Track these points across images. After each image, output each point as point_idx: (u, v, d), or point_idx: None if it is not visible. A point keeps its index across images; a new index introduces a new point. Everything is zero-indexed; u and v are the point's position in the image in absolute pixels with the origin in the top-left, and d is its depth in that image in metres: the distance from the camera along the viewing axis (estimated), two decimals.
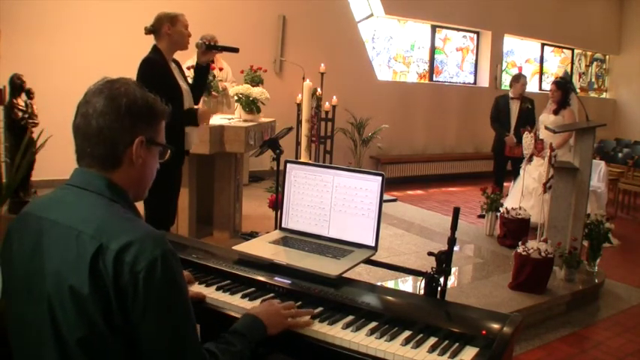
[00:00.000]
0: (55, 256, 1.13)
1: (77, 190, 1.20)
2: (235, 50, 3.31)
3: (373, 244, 1.83)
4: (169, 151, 1.33)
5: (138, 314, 1.08)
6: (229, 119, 4.44)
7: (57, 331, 1.11)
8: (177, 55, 3.34)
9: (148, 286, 1.08)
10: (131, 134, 1.20)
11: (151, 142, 1.25)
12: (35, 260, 1.15)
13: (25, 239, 1.19)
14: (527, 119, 5.81)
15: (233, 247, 1.86)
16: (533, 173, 5.34)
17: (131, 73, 2.88)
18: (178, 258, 1.17)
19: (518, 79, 6.23)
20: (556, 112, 5.52)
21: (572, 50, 11.31)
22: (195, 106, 3.38)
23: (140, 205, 3.35)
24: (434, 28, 9.11)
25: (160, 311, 1.10)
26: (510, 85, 6.33)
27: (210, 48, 3.29)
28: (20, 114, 4.51)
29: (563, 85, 5.60)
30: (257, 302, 1.56)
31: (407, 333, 1.44)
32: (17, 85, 4.54)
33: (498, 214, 4.95)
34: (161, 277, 1.10)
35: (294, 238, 1.93)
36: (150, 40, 3.22)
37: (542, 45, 10.66)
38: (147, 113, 1.23)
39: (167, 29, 3.13)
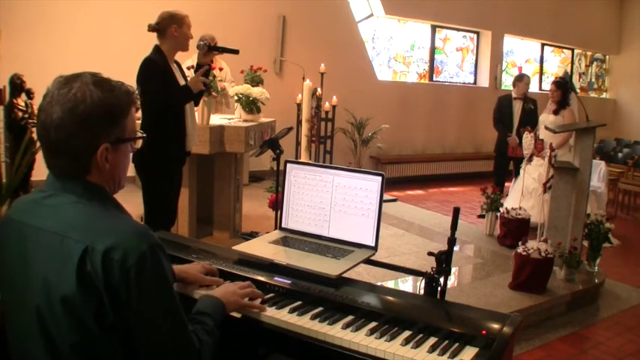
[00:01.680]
0: (40, 263, 1.12)
1: (54, 192, 1.18)
2: (236, 52, 3.32)
3: (373, 244, 1.83)
4: (141, 138, 1.28)
5: (133, 309, 1.10)
6: (229, 119, 4.44)
7: (48, 338, 1.10)
8: (177, 56, 3.34)
9: (140, 281, 1.09)
10: (93, 143, 1.14)
11: (118, 142, 1.19)
12: (21, 268, 1.15)
13: (9, 246, 1.18)
14: (530, 120, 5.80)
15: (233, 247, 1.86)
16: (533, 173, 5.34)
17: (131, 73, 2.89)
18: (165, 249, 1.18)
19: (522, 78, 6.23)
20: (556, 112, 5.52)
21: (572, 50, 11.31)
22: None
23: (140, 206, 3.34)
24: (434, 28, 9.11)
25: (153, 303, 1.12)
26: (513, 85, 6.31)
27: (211, 49, 3.31)
28: (20, 114, 4.51)
29: (563, 85, 5.60)
30: (257, 302, 1.57)
31: (407, 333, 1.44)
32: (17, 85, 4.54)
33: (498, 214, 4.95)
34: (151, 271, 1.11)
35: (294, 238, 1.93)
36: (150, 40, 3.21)
37: (542, 45, 10.66)
38: (108, 116, 1.15)
39: (174, 31, 3.12)
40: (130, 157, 1.27)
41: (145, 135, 1.29)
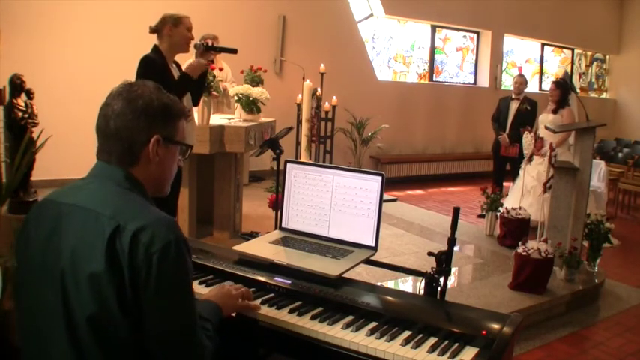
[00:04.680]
0: (72, 235, 1.17)
1: (96, 178, 1.26)
2: (234, 51, 3.31)
3: (373, 244, 1.83)
4: (190, 149, 1.39)
5: (149, 294, 1.13)
6: (229, 119, 4.44)
7: (68, 310, 1.14)
8: (178, 56, 3.34)
9: (161, 267, 1.13)
10: (147, 133, 1.25)
11: (168, 141, 1.29)
12: (53, 242, 1.19)
13: (42, 225, 1.23)
14: (525, 120, 5.80)
15: (233, 247, 1.86)
16: (532, 172, 5.35)
17: (131, 73, 2.89)
18: (189, 245, 1.22)
19: (514, 78, 6.33)
20: (555, 112, 5.53)
21: (572, 50, 11.31)
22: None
23: None
24: (434, 28, 9.11)
25: (170, 292, 1.15)
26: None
27: (208, 49, 3.29)
28: (20, 114, 4.50)
29: (562, 84, 5.61)
30: (258, 302, 1.57)
31: (407, 333, 1.44)
32: (17, 85, 4.53)
33: (498, 214, 4.95)
34: (174, 260, 1.15)
35: (294, 238, 1.93)
36: (150, 41, 3.22)
37: (542, 45, 10.66)
38: (163, 113, 1.28)
39: (168, 30, 3.13)
40: (176, 166, 1.37)
41: (192, 145, 1.40)
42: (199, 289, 1.65)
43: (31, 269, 1.22)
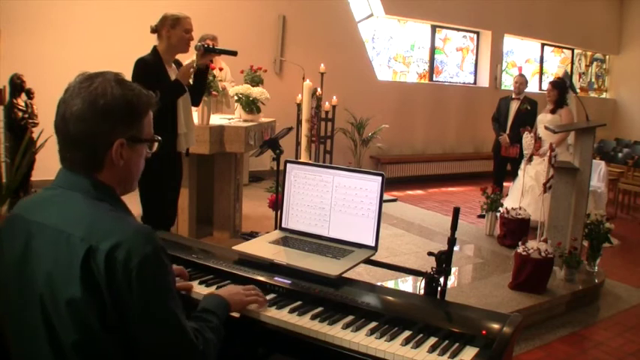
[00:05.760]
0: (45, 259, 1.12)
1: (63, 190, 1.19)
2: (234, 53, 3.29)
3: (373, 244, 1.83)
4: (158, 142, 1.30)
5: (134, 310, 1.10)
6: (229, 119, 4.44)
7: (51, 334, 1.11)
8: (179, 56, 3.33)
9: (142, 282, 1.09)
10: (110, 137, 1.17)
11: (134, 141, 1.21)
12: (26, 264, 1.14)
13: (14, 242, 1.18)
14: (525, 120, 5.80)
15: (233, 247, 1.86)
16: (530, 172, 5.35)
17: (130, 74, 2.89)
18: (167, 253, 1.18)
19: (515, 78, 6.34)
20: (553, 112, 5.53)
21: (572, 50, 11.31)
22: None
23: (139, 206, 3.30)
24: (434, 28, 9.11)
25: (153, 306, 1.12)
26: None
27: (208, 51, 3.27)
28: (20, 114, 4.51)
29: (559, 84, 5.62)
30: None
31: (407, 333, 1.44)
32: (17, 85, 4.54)
33: (498, 214, 4.95)
34: (153, 273, 1.11)
35: (294, 238, 1.93)
36: (150, 41, 3.22)
37: (542, 45, 10.66)
38: (126, 113, 1.18)
39: (166, 32, 3.12)
40: (144, 160, 1.28)
41: (160, 139, 1.31)
42: (200, 289, 1.64)
43: (9, 290, 1.19)
